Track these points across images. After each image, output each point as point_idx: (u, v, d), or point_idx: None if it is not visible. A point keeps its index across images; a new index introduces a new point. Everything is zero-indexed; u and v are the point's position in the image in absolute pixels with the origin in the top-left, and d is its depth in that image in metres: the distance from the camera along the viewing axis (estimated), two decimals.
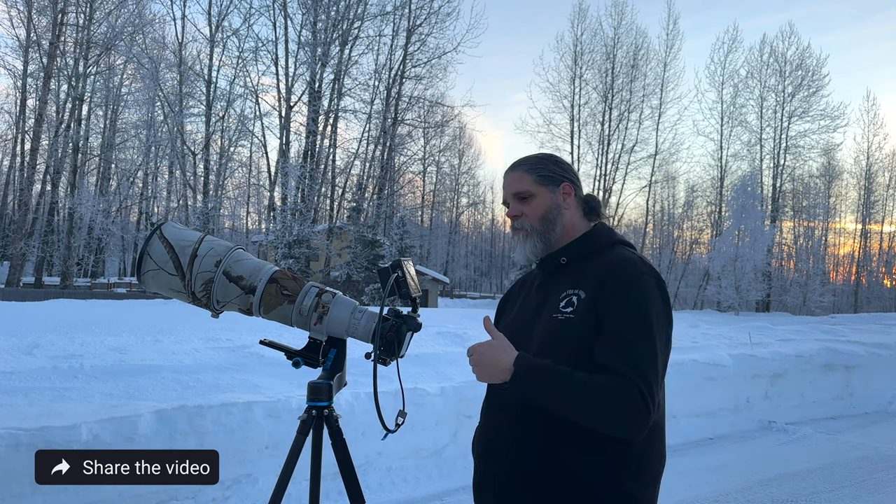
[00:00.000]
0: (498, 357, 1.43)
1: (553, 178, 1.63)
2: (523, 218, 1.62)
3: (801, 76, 40.24)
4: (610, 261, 1.52)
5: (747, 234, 31.13)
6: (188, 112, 33.70)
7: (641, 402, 1.35)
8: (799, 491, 4.69)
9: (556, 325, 1.49)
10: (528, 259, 1.63)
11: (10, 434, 3.25)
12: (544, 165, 1.64)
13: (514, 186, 1.63)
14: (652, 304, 1.45)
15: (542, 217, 1.60)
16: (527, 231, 1.61)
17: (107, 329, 7.75)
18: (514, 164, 1.67)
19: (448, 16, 50.84)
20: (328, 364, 1.97)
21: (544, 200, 1.61)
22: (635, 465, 1.44)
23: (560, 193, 1.62)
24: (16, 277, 28.72)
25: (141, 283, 1.98)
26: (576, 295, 1.50)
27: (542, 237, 1.60)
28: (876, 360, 8.29)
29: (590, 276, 1.51)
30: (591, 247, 1.60)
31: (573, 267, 1.58)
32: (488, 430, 1.61)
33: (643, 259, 1.55)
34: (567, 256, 1.60)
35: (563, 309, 1.50)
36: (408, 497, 4.23)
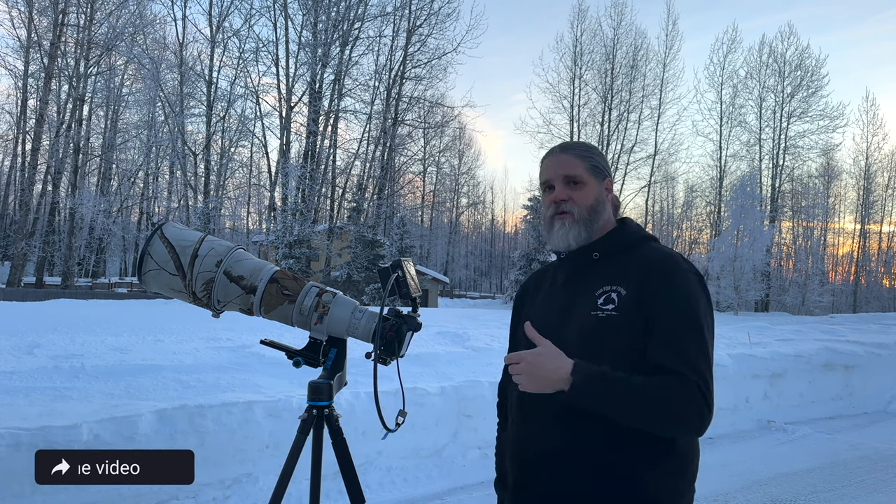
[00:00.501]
0: (553, 367, 1.36)
1: (601, 170, 1.59)
2: (570, 203, 1.55)
3: (801, 76, 40.26)
4: (649, 256, 1.50)
5: (746, 234, 31.11)
6: (189, 112, 33.71)
7: (703, 400, 1.34)
8: (798, 491, 4.70)
9: (596, 323, 1.44)
10: (568, 245, 1.55)
11: (11, 434, 3.26)
12: (594, 156, 1.60)
13: (566, 168, 1.56)
14: (698, 300, 1.43)
15: (591, 207, 1.55)
16: (573, 217, 1.54)
17: (108, 329, 7.75)
18: (564, 146, 1.62)
19: (448, 16, 50.70)
20: (328, 364, 1.98)
21: (594, 191, 1.57)
22: (681, 461, 1.44)
23: (604, 188, 1.59)
24: (17, 277, 28.72)
25: (142, 282, 1.99)
26: (615, 292, 1.46)
27: (587, 226, 1.55)
28: (875, 360, 8.29)
29: (628, 272, 1.48)
30: (622, 242, 1.56)
31: (605, 262, 1.54)
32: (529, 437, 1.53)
33: (681, 255, 1.53)
34: (599, 251, 1.55)
35: (603, 306, 1.45)
36: (408, 497, 4.23)
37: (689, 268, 1.48)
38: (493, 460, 1.83)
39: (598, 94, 40.86)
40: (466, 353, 6.99)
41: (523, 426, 1.55)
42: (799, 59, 40.32)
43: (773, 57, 40.62)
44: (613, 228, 1.59)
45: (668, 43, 44.69)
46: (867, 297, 46.51)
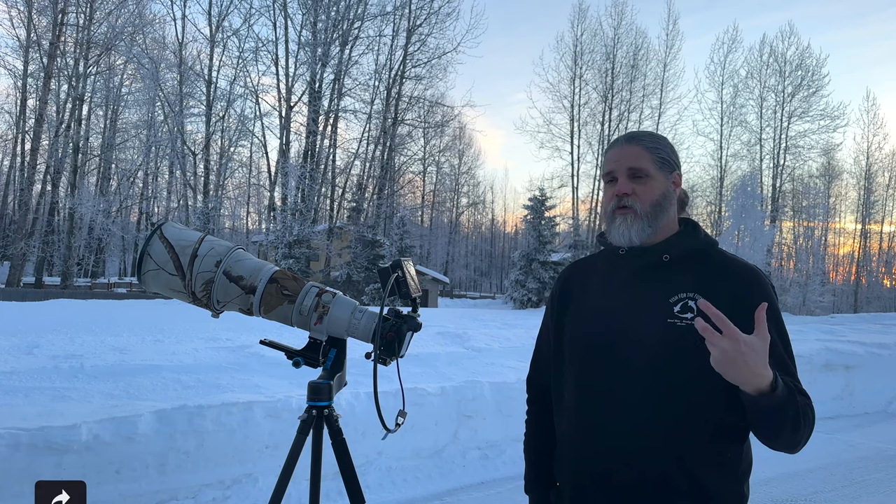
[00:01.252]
0: (761, 361, 1.21)
1: (670, 164, 1.50)
2: (633, 197, 1.46)
3: (801, 76, 40.28)
4: (734, 271, 1.44)
5: (747, 234, 31.12)
6: (188, 112, 33.71)
7: (814, 421, 1.36)
8: (799, 491, 4.69)
9: (674, 331, 1.37)
10: (630, 241, 1.46)
11: (11, 434, 3.25)
12: (664, 148, 1.50)
13: (631, 160, 1.47)
14: (782, 319, 1.44)
15: (656, 202, 1.46)
16: (635, 213, 1.45)
17: (107, 329, 7.75)
18: (630, 136, 1.52)
19: (448, 16, 50.87)
20: (328, 364, 1.98)
21: (660, 185, 1.47)
22: (746, 465, 1.45)
23: (671, 182, 1.50)
24: (16, 277, 28.72)
25: (141, 283, 1.99)
26: (693, 300, 1.39)
27: (651, 223, 1.45)
28: (876, 360, 8.28)
29: (706, 280, 1.41)
30: (692, 246, 1.48)
31: (676, 266, 1.46)
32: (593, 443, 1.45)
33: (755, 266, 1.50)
34: (669, 253, 1.46)
35: (681, 314, 1.38)
36: (408, 497, 4.23)
37: (768, 280, 1.47)
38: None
39: (598, 94, 40.92)
40: (466, 354, 6.98)
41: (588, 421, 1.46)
42: (799, 59, 40.37)
43: (774, 56, 40.67)
44: (682, 230, 1.52)
45: (668, 42, 44.76)
46: (868, 297, 46.52)
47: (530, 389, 1.75)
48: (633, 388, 1.40)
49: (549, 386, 1.63)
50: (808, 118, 40.40)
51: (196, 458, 3.74)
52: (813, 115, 40.26)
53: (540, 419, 1.68)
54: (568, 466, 1.52)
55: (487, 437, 4.90)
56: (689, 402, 1.37)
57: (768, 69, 40.77)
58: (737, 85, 41.15)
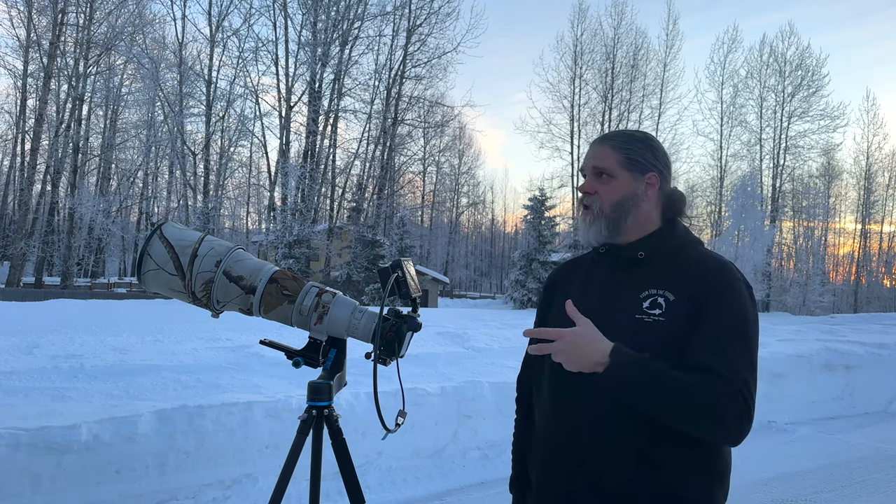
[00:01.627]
0: (592, 348, 1.29)
1: (641, 164, 1.48)
2: (595, 197, 1.48)
3: (801, 76, 40.25)
4: (703, 263, 1.43)
5: (747, 234, 31.11)
6: (188, 112, 33.70)
7: (744, 406, 1.28)
8: (799, 491, 4.69)
9: (641, 327, 1.38)
10: (588, 241, 1.50)
11: (10, 434, 3.25)
12: (636, 148, 1.49)
13: (596, 159, 1.49)
14: (749, 312, 1.39)
15: (616, 203, 1.46)
16: (594, 214, 1.47)
17: (107, 329, 7.75)
18: (604, 136, 1.53)
19: (448, 16, 50.72)
20: (328, 364, 1.97)
21: (623, 186, 1.47)
22: (722, 467, 1.42)
23: (644, 183, 1.48)
24: (16, 277, 28.72)
25: (141, 283, 1.99)
26: (662, 296, 1.39)
27: (609, 224, 1.46)
28: (876, 360, 8.28)
29: (677, 277, 1.41)
30: (671, 244, 1.48)
31: (652, 264, 1.46)
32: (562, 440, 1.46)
33: (731, 263, 1.46)
34: (644, 251, 1.47)
35: (650, 310, 1.39)
36: (408, 497, 4.22)
37: (741, 278, 1.43)
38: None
39: (598, 94, 40.86)
40: (466, 354, 6.98)
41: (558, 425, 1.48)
42: (799, 59, 40.34)
43: (774, 56, 40.64)
44: (660, 228, 1.51)
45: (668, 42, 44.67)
46: (868, 297, 46.52)
47: (519, 388, 1.76)
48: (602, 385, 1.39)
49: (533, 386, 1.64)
50: (808, 118, 40.39)
51: (196, 458, 3.74)
52: (813, 115, 40.26)
53: (527, 419, 1.69)
54: (539, 459, 1.53)
55: (487, 437, 4.89)
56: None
57: (768, 69, 40.77)
58: (737, 85, 41.16)
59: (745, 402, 1.28)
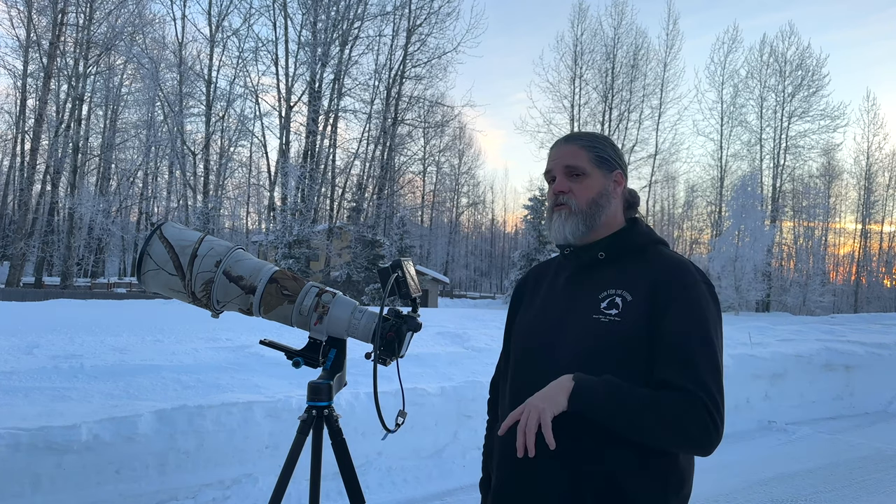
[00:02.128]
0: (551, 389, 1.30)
1: (609, 162, 1.51)
2: (570, 195, 1.48)
3: (801, 76, 40.25)
4: (660, 264, 1.44)
5: (747, 234, 31.10)
6: (188, 112, 33.74)
7: (709, 419, 1.27)
8: (799, 491, 4.69)
9: (599, 327, 1.38)
10: (565, 239, 1.49)
11: (10, 434, 3.25)
12: (603, 147, 1.52)
13: (568, 159, 1.49)
14: (709, 314, 1.38)
15: (592, 200, 1.47)
16: (570, 210, 1.47)
17: (107, 329, 7.74)
18: (569, 137, 1.54)
19: (448, 16, 50.76)
20: (328, 364, 1.97)
21: (596, 183, 1.48)
22: (679, 479, 1.40)
23: (612, 180, 1.51)
24: (16, 277, 28.72)
25: (141, 283, 1.98)
26: (619, 296, 1.40)
27: (586, 219, 1.47)
28: (876, 360, 8.28)
29: (635, 277, 1.42)
30: (631, 243, 1.49)
31: (612, 264, 1.47)
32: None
33: (693, 263, 1.46)
34: (605, 251, 1.48)
35: (607, 310, 1.39)
36: (408, 497, 4.23)
37: (701, 277, 1.43)
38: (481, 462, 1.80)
39: (598, 94, 40.87)
40: (466, 354, 6.98)
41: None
42: (800, 59, 40.35)
43: (774, 56, 40.65)
44: (622, 228, 1.52)
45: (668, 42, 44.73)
46: (868, 297, 46.54)
47: (491, 391, 1.78)
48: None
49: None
50: (808, 118, 40.40)
51: (196, 458, 3.74)
52: (813, 115, 40.27)
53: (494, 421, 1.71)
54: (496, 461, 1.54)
55: None
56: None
57: (768, 69, 40.77)
58: (737, 85, 41.17)
59: (709, 413, 1.28)
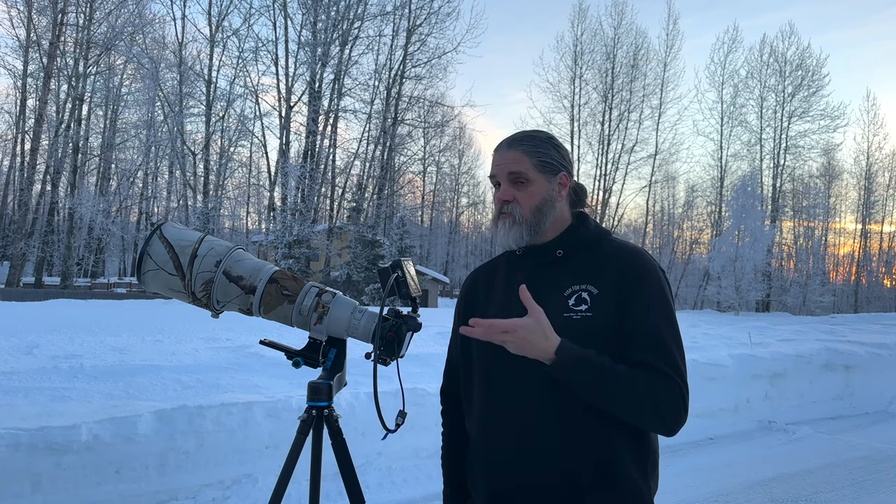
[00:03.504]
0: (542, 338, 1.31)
1: (553, 165, 1.50)
2: (514, 204, 1.48)
3: (801, 76, 40.27)
4: (618, 254, 1.46)
5: (747, 234, 31.13)
6: (188, 112, 33.74)
7: (681, 400, 1.34)
8: (799, 491, 4.69)
9: (573, 324, 1.39)
10: (509, 247, 1.51)
11: (10, 434, 3.25)
12: (546, 150, 1.50)
13: (511, 166, 1.48)
14: (669, 298, 1.43)
15: (536, 208, 1.48)
16: (514, 219, 1.48)
17: (107, 329, 7.75)
18: (511, 140, 1.52)
19: (448, 16, 50.83)
20: (328, 364, 1.97)
21: (540, 190, 1.48)
22: (654, 462, 1.45)
23: (556, 184, 1.50)
24: (16, 277, 28.72)
25: (141, 283, 1.98)
26: (585, 291, 1.42)
27: (530, 228, 1.48)
28: (876, 360, 8.29)
29: (595, 270, 1.44)
30: (585, 238, 1.51)
31: (570, 260, 1.48)
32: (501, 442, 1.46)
33: (645, 250, 1.51)
34: (563, 249, 1.49)
35: (576, 307, 1.40)
36: (408, 497, 4.22)
37: (657, 263, 1.48)
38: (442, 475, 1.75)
39: (598, 94, 40.88)
40: None
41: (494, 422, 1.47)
42: (800, 59, 40.36)
43: (774, 56, 40.66)
44: (572, 224, 1.53)
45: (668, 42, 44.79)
46: (868, 297, 46.55)
47: (444, 400, 1.74)
48: (532, 387, 1.40)
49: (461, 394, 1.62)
50: (808, 118, 40.42)
51: (196, 458, 3.74)
52: (813, 115, 40.29)
53: (454, 431, 1.68)
54: (479, 470, 1.51)
55: None
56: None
57: (768, 69, 40.79)
58: (737, 85, 41.17)
59: (682, 396, 1.35)
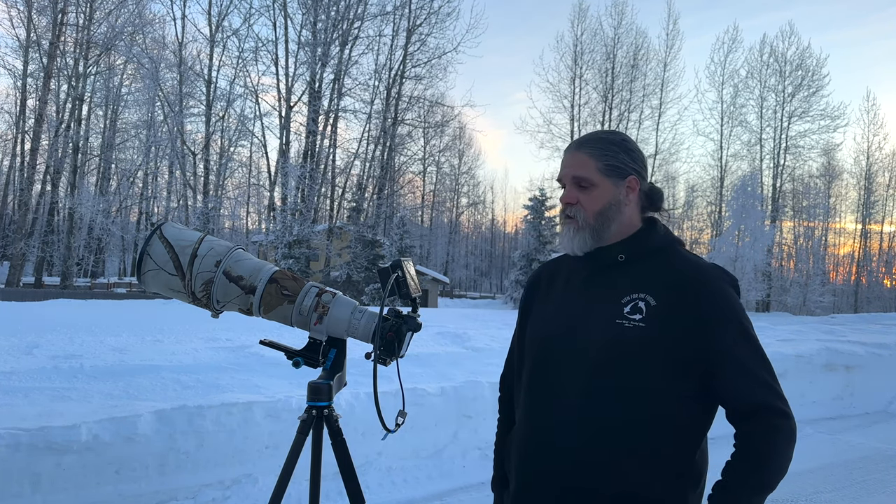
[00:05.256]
0: None
1: (620, 169, 1.45)
2: (578, 207, 1.45)
3: (801, 76, 40.27)
4: (685, 269, 1.41)
5: (747, 234, 31.12)
6: (188, 112, 33.70)
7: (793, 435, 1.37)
8: (799, 491, 4.69)
9: (622, 332, 1.36)
10: (573, 252, 1.47)
11: (10, 434, 3.25)
12: (614, 154, 1.45)
13: (575, 169, 1.45)
14: (745, 315, 1.40)
15: (599, 212, 1.44)
16: (578, 224, 1.45)
17: (107, 329, 7.74)
18: (580, 143, 1.49)
19: (448, 16, 50.85)
20: (328, 364, 1.97)
21: (605, 194, 1.44)
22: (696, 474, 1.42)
23: (624, 188, 1.46)
24: (16, 277, 28.71)
25: (141, 283, 1.98)
26: (642, 300, 1.38)
27: (594, 233, 1.44)
28: (876, 360, 8.28)
29: (657, 280, 1.40)
30: (651, 245, 1.46)
31: (631, 266, 1.44)
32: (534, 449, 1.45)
33: (713, 264, 1.45)
34: (625, 253, 1.45)
35: (630, 315, 1.37)
36: (408, 497, 4.22)
37: (726, 277, 1.43)
38: (492, 461, 1.80)
39: (598, 94, 40.90)
40: (466, 354, 6.98)
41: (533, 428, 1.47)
42: (800, 59, 40.37)
43: (774, 56, 40.67)
44: (640, 229, 1.49)
45: (668, 42, 44.78)
46: (868, 297, 46.52)
47: (502, 388, 1.76)
48: (576, 389, 1.39)
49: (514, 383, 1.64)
50: (808, 118, 40.42)
51: (196, 458, 3.74)
52: (813, 115, 40.29)
53: (508, 419, 1.70)
54: (515, 463, 1.53)
55: (487, 437, 4.89)
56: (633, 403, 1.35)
57: (768, 69, 40.80)
58: (737, 85, 41.18)
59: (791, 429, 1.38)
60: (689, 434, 1.38)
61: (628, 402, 1.35)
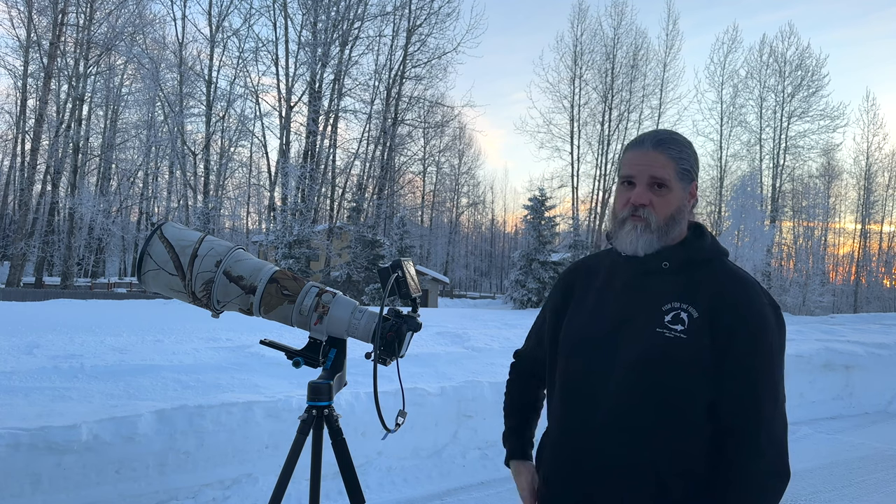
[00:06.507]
0: None
1: (690, 174, 1.42)
2: (650, 208, 1.38)
3: (801, 76, 40.27)
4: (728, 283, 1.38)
5: (747, 235, 31.10)
6: (188, 112, 33.66)
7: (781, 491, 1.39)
8: (799, 491, 4.69)
9: (663, 342, 1.34)
10: (635, 252, 1.40)
11: (10, 434, 3.25)
12: (687, 157, 1.41)
13: (655, 169, 1.38)
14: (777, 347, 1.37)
15: (670, 216, 1.39)
16: (648, 226, 1.38)
17: (107, 329, 7.74)
18: (658, 141, 1.40)
19: (448, 16, 50.82)
20: (328, 364, 1.98)
21: (677, 198, 1.40)
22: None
23: (688, 193, 1.42)
24: (16, 277, 28.71)
25: (141, 283, 1.99)
26: (685, 311, 1.35)
27: (661, 236, 1.39)
28: (876, 360, 8.28)
29: (700, 291, 1.37)
30: (696, 255, 1.42)
31: (675, 274, 1.40)
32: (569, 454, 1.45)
33: (757, 282, 1.42)
34: (670, 261, 1.40)
35: (672, 325, 1.34)
36: (408, 497, 4.23)
37: (769, 300, 1.39)
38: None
39: (598, 94, 40.91)
40: (466, 354, 6.98)
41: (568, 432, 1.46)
42: (799, 59, 40.37)
43: (774, 56, 40.66)
44: (687, 237, 1.45)
45: (668, 42, 44.75)
46: (868, 297, 46.50)
47: (517, 356, 1.75)
48: (612, 394, 1.38)
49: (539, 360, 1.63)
50: (807, 118, 40.42)
51: (196, 458, 3.74)
52: (813, 115, 40.29)
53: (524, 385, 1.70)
54: (548, 464, 1.52)
55: (487, 437, 4.89)
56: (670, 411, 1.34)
57: (768, 69, 40.79)
58: (737, 85, 41.18)
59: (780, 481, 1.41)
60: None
61: (663, 410, 1.34)
